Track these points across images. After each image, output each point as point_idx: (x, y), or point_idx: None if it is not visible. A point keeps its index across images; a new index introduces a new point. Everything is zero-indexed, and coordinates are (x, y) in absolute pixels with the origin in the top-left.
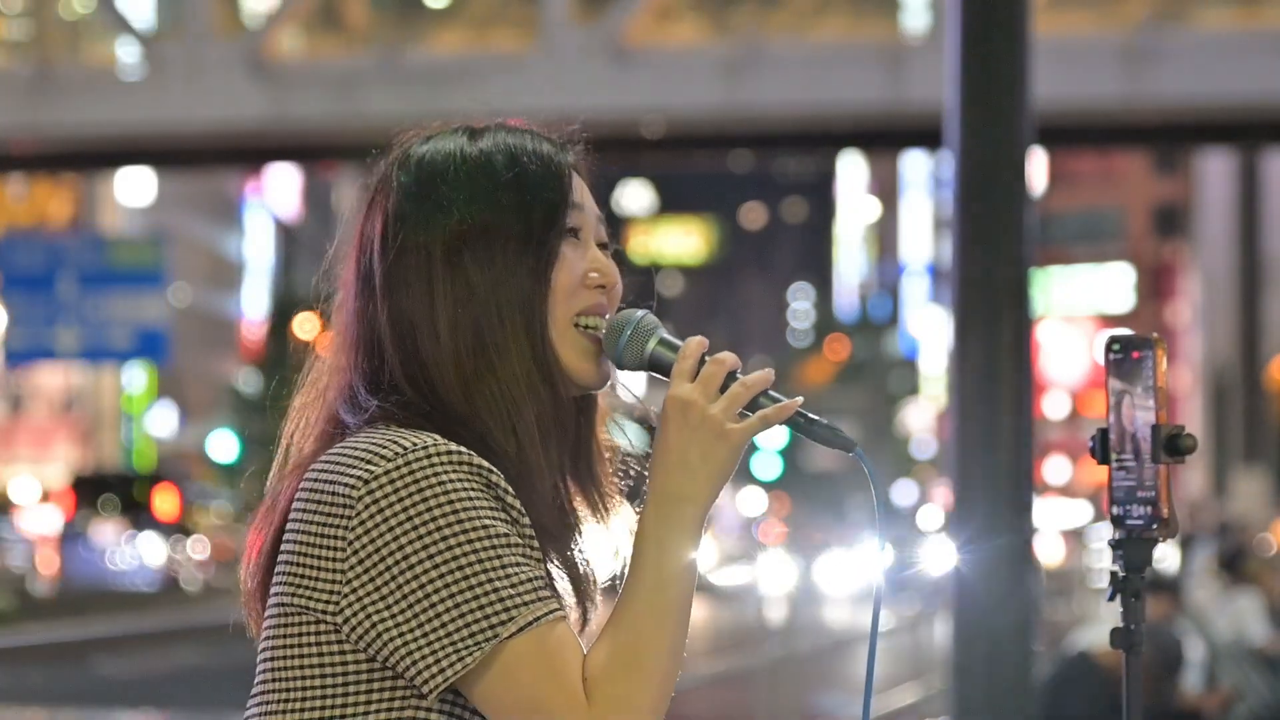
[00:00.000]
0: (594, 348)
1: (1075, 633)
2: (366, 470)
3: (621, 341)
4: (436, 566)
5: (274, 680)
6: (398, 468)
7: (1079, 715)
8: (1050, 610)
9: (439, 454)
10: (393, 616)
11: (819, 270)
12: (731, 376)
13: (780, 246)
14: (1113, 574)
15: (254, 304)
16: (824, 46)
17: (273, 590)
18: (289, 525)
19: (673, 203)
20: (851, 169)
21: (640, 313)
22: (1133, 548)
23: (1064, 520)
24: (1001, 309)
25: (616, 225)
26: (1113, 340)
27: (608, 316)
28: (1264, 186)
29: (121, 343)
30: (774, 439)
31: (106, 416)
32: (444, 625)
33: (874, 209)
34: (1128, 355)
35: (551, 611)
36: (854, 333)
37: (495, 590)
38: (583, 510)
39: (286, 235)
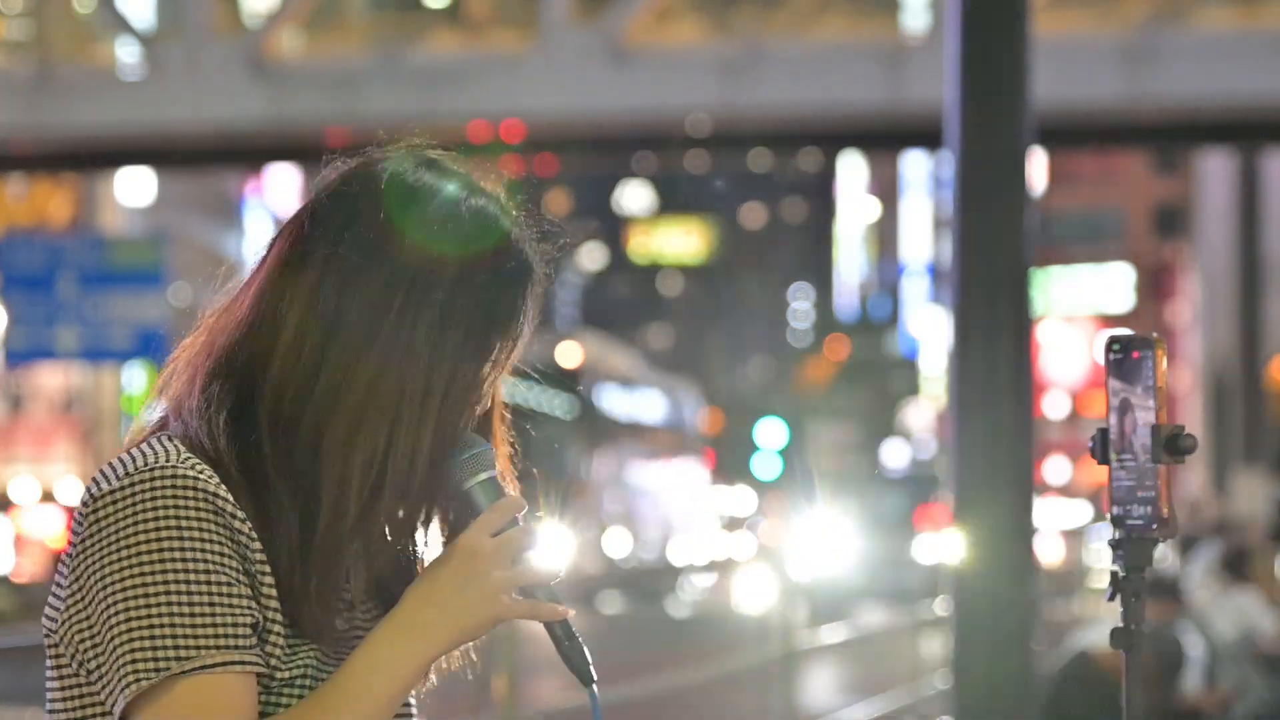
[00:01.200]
0: None
1: (1075, 633)
2: (97, 487)
3: (457, 458)
4: (125, 592)
5: (50, 705)
6: (121, 487)
7: (1079, 715)
8: (1050, 610)
9: (165, 476)
10: (91, 638)
11: (819, 270)
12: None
13: (780, 246)
14: (1113, 574)
15: None
16: (824, 46)
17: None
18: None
19: (673, 203)
20: (851, 169)
21: (484, 445)
22: (1133, 548)
23: (1064, 520)
24: (1001, 309)
25: (616, 225)
26: (1113, 340)
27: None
28: (1264, 186)
29: (121, 343)
30: (774, 439)
31: (106, 416)
32: (118, 653)
33: (874, 209)
34: (1128, 355)
35: (231, 663)
36: (854, 333)
37: (173, 627)
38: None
39: None
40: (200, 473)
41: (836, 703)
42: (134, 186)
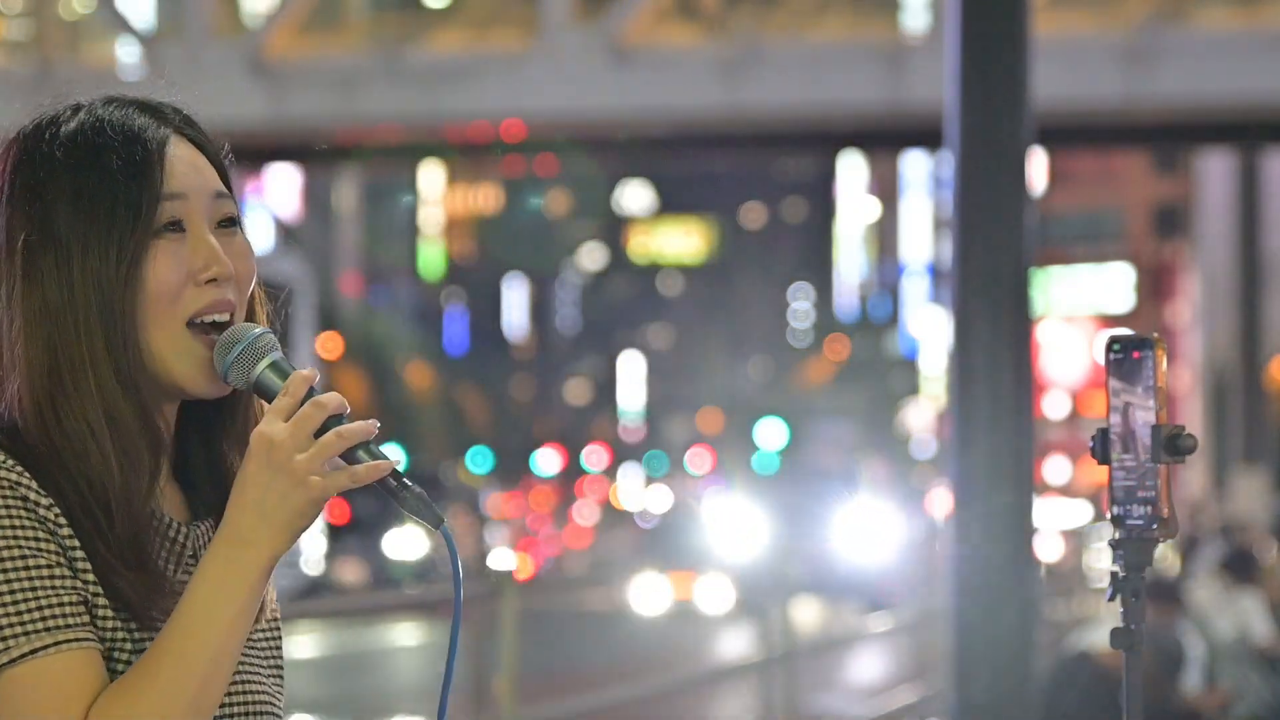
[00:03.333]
0: (207, 354)
1: (1075, 633)
2: None
3: (229, 358)
4: None
5: None
6: None
7: (1079, 715)
8: (1050, 610)
9: None
10: None
11: (819, 270)
12: (336, 420)
13: (780, 246)
14: (1113, 574)
15: None
16: (824, 46)
17: None
18: None
19: (673, 203)
20: (851, 169)
21: (257, 330)
22: (1133, 548)
23: (1064, 520)
24: (1001, 309)
25: (616, 225)
26: (1113, 340)
27: (229, 328)
28: (1264, 186)
29: None
30: (775, 439)
31: None
32: None
33: (874, 209)
34: (1128, 355)
35: (60, 642)
36: (854, 333)
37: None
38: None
39: (286, 235)
40: (10, 468)
41: (836, 703)
42: None
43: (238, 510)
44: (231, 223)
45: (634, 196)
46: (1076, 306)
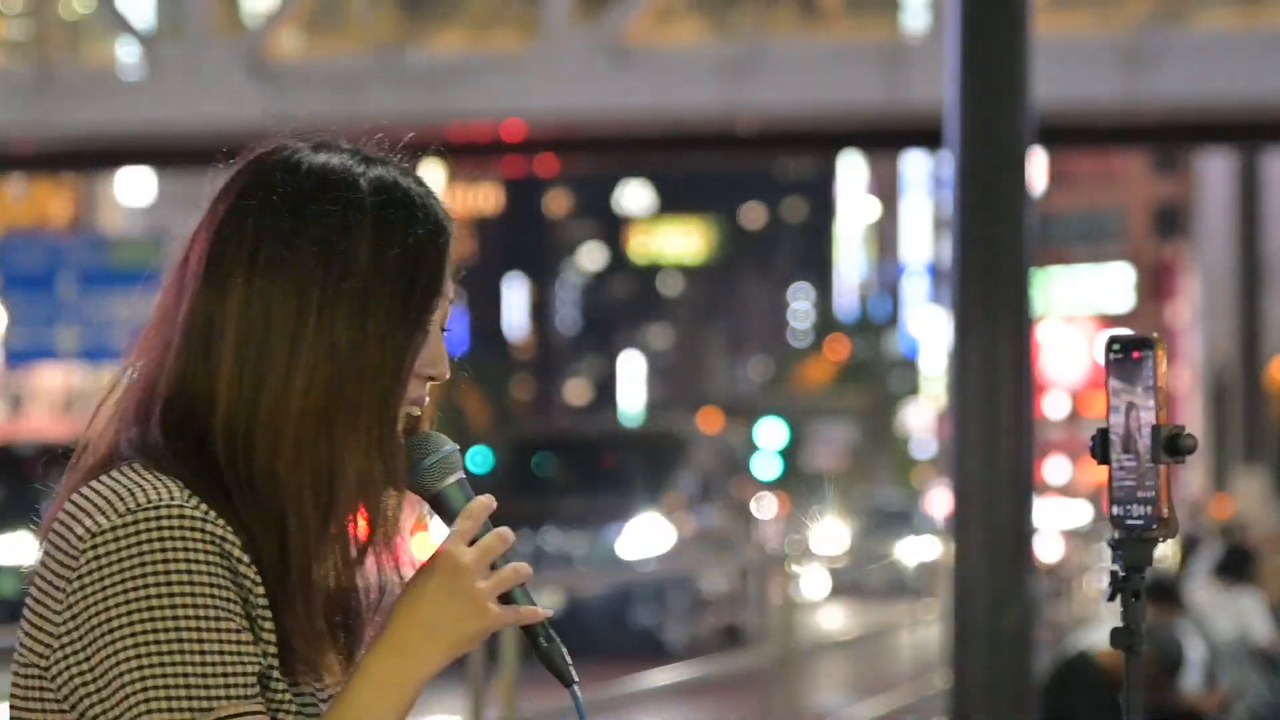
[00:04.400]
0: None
1: (1075, 633)
2: (96, 522)
3: (425, 463)
4: (135, 638)
5: (17, 713)
6: (125, 525)
7: (1079, 715)
8: (1050, 610)
9: (171, 515)
10: (92, 681)
11: (819, 270)
12: (503, 556)
13: (780, 246)
14: (1113, 574)
15: None
16: (824, 46)
17: (20, 625)
18: (40, 558)
19: (673, 203)
20: (851, 169)
21: (450, 446)
22: (1133, 548)
23: (1064, 520)
24: (1001, 309)
25: (616, 225)
26: (1113, 340)
27: (421, 432)
28: (1264, 186)
29: (121, 343)
30: (775, 439)
31: None
32: (129, 702)
33: (874, 209)
34: (1128, 355)
35: (242, 714)
36: (854, 333)
37: (186, 676)
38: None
39: None
40: (205, 513)
41: (836, 703)
42: (134, 186)
43: (408, 623)
44: (443, 330)
45: (634, 196)
46: (1076, 306)
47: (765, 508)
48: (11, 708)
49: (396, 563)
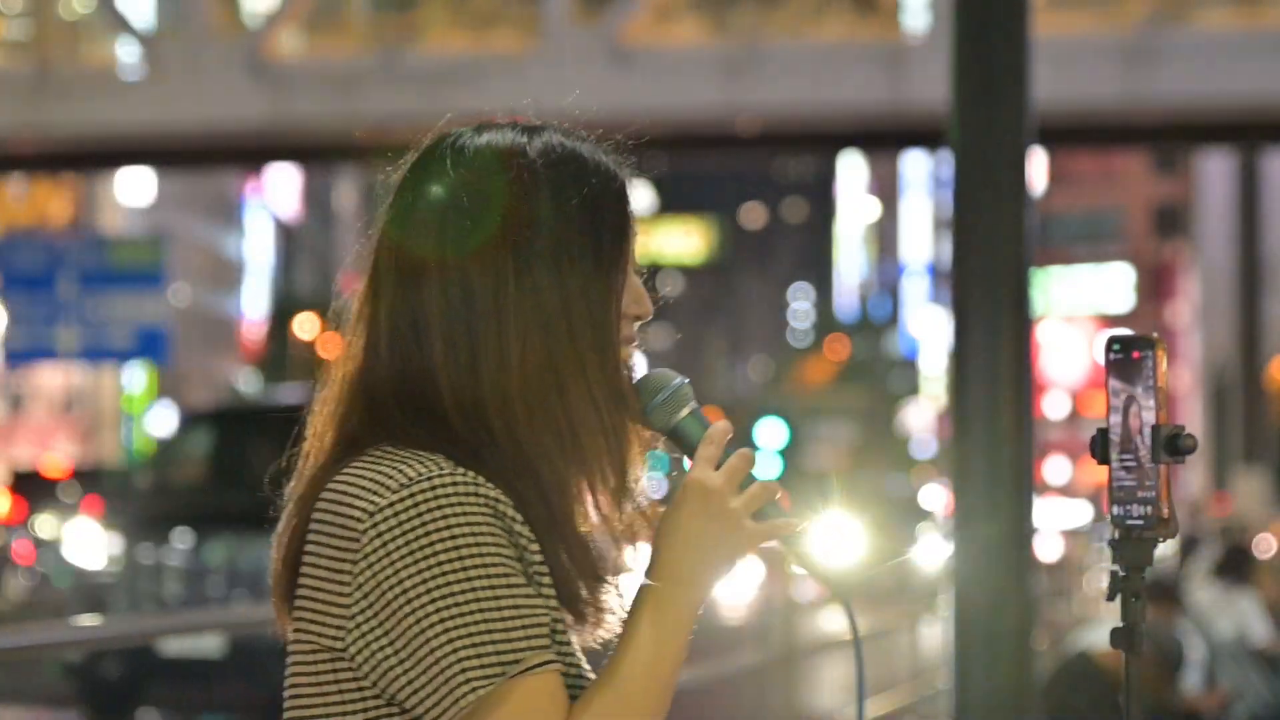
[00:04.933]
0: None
1: (1075, 633)
2: (371, 502)
3: (654, 401)
4: (436, 604)
5: (298, 712)
6: (401, 499)
7: (1079, 715)
8: (1050, 610)
9: (445, 484)
10: (396, 653)
11: (819, 270)
12: (750, 476)
13: (780, 246)
14: (1113, 574)
15: (254, 304)
16: (824, 46)
17: (294, 615)
18: (306, 550)
19: (673, 203)
20: (851, 169)
21: (679, 380)
22: (1133, 548)
23: (1064, 520)
24: (1001, 309)
25: None
26: (1113, 340)
27: (650, 371)
28: (1264, 186)
29: (121, 343)
30: (775, 439)
31: (106, 416)
32: (440, 665)
33: (874, 209)
34: (1128, 355)
35: (546, 662)
36: (854, 333)
37: (492, 633)
38: (624, 536)
39: (286, 235)
40: (475, 479)
41: (836, 703)
42: (134, 186)
43: (673, 552)
44: (638, 273)
45: (634, 196)
46: (1076, 306)
47: None
48: (291, 697)
49: (640, 505)
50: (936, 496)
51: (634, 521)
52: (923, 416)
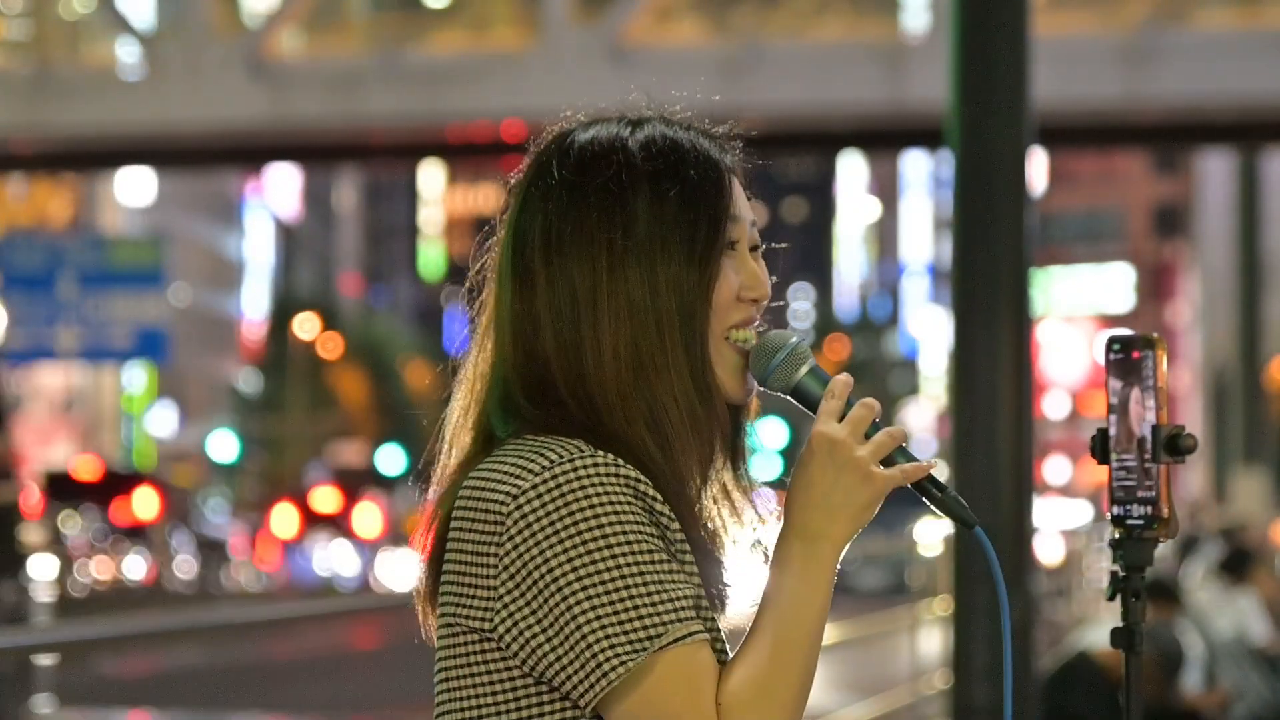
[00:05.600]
0: (742, 362)
1: (1075, 633)
2: (515, 485)
3: (773, 364)
4: (582, 581)
5: (450, 696)
6: (544, 481)
7: (1079, 715)
8: (1050, 610)
9: (585, 465)
10: (544, 631)
11: (819, 270)
12: (874, 425)
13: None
14: (1113, 574)
15: (254, 304)
16: (824, 46)
17: (440, 605)
18: (450, 540)
19: None
20: (851, 169)
21: (795, 338)
22: (1133, 548)
23: (1064, 520)
24: (1001, 309)
25: None
26: (1113, 340)
27: (761, 332)
28: (1264, 186)
29: (121, 343)
30: (776, 439)
31: (106, 416)
32: (586, 640)
33: (874, 209)
34: (1128, 355)
35: (693, 633)
36: (854, 333)
37: (638, 608)
38: (731, 520)
39: (286, 235)
40: (616, 460)
41: (836, 703)
42: (134, 186)
43: (805, 508)
44: (756, 248)
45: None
46: (1076, 306)
47: None
48: (441, 682)
49: (747, 493)
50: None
51: (727, 506)
52: (923, 416)
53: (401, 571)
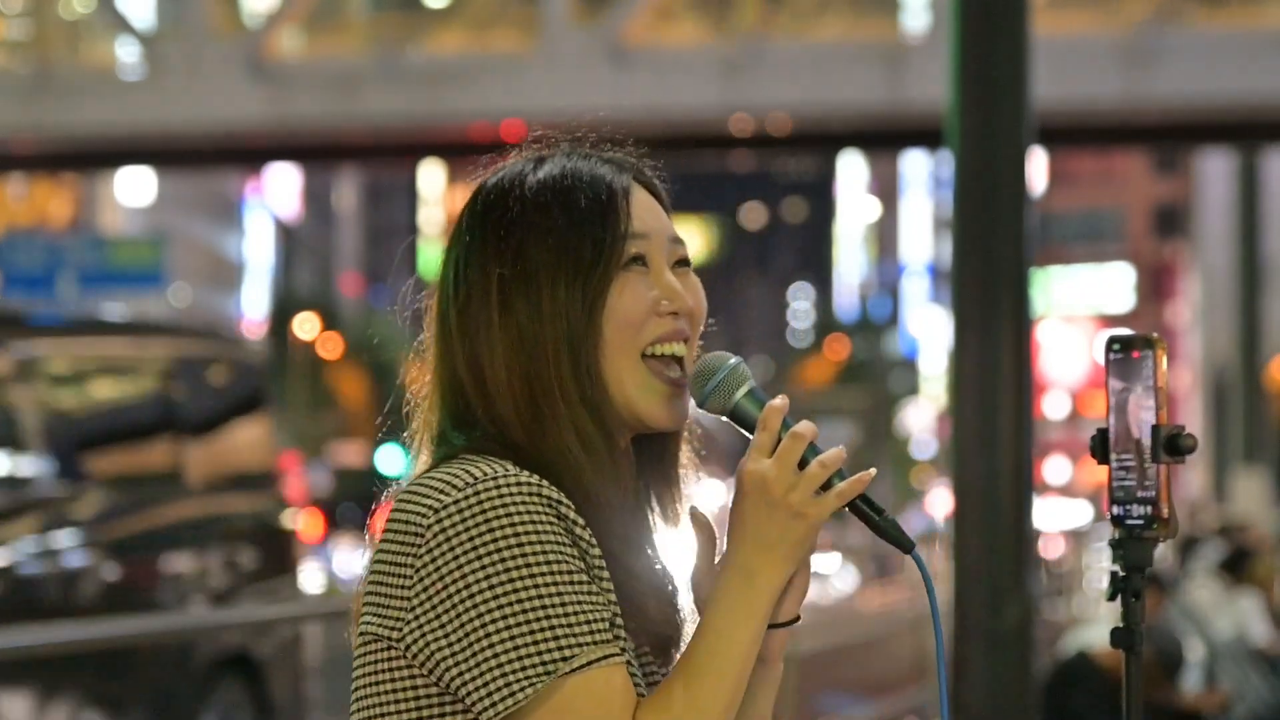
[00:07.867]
0: (667, 389)
1: (1075, 633)
2: (437, 499)
3: (709, 385)
4: (496, 597)
5: (359, 705)
6: (466, 497)
7: (1079, 715)
8: (1050, 610)
9: (509, 484)
10: (450, 645)
11: (819, 270)
12: (811, 449)
13: (780, 246)
14: (1113, 574)
15: (254, 304)
16: (824, 46)
17: (361, 614)
18: (376, 552)
19: (673, 203)
20: (851, 169)
21: (733, 360)
22: (1133, 548)
23: (1064, 520)
24: (1001, 309)
25: None
26: (1113, 340)
27: (703, 356)
28: (1264, 186)
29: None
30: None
31: None
32: (498, 658)
33: (874, 209)
34: (1128, 355)
35: (608, 656)
36: (854, 333)
37: (553, 627)
38: (660, 538)
39: (286, 235)
40: (540, 481)
41: (836, 703)
42: (134, 186)
43: (741, 543)
44: (685, 264)
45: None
46: (1076, 306)
47: None
48: (353, 689)
49: (673, 520)
50: (932, 503)
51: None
52: (923, 416)
53: None
